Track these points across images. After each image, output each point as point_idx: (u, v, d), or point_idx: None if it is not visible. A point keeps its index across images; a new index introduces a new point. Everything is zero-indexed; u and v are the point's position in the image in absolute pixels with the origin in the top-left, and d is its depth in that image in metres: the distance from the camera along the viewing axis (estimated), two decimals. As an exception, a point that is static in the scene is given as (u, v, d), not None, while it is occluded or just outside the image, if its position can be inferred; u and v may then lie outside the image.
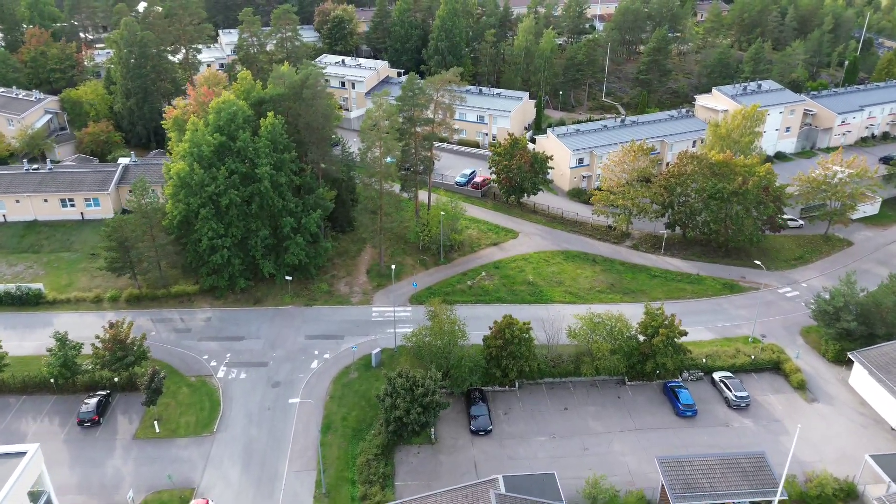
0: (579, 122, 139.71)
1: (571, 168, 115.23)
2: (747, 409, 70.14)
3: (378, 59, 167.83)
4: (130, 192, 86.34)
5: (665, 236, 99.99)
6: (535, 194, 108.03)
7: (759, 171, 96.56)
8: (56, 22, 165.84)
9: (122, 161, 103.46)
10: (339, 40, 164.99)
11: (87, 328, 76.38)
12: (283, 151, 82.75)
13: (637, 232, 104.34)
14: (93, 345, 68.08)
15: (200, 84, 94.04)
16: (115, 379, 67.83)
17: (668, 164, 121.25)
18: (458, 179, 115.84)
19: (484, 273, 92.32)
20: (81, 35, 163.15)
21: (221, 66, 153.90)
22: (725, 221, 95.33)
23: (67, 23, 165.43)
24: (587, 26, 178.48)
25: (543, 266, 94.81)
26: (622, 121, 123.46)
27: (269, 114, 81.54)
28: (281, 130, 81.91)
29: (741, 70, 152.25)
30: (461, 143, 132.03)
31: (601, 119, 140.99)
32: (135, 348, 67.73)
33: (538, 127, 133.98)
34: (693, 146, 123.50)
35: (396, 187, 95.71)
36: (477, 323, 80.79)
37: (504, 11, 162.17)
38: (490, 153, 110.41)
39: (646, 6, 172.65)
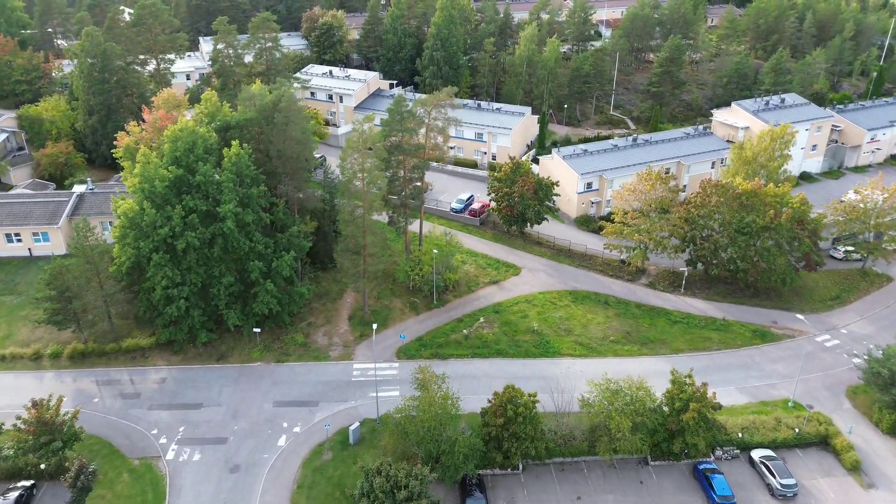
0: (586, 139, 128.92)
1: (579, 193, 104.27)
2: (794, 500, 59.15)
3: (370, 68, 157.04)
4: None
5: (686, 274, 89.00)
6: (538, 224, 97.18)
7: (792, 201, 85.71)
8: (25, 29, 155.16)
9: (77, 189, 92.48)
10: (328, 49, 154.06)
11: (21, 393, 65.51)
12: (250, 185, 71.76)
13: (653, 267, 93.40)
14: (14, 425, 57.08)
15: (157, 106, 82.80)
16: (42, 466, 56.81)
17: (684, 186, 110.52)
18: (454, 205, 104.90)
19: (482, 319, 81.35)
20: (56, 43, 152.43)
21: (201, 76, 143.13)
22: (755, 259, 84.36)
23: (38, 30, 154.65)
24: (592, 32, 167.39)
25: (549, 310, 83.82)
26: (634, 140, 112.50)
27: (234, 143, 70.54)
28: (247, 161, 70.89)
29: (760, 81, 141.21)
30: (457, 162, 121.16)
31: (609, 135, 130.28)
32: (64, 429, 56.72)
33: (541, 145, 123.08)
34: (712, 167, 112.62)
35: (386, 214, 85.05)
36: (474, 384, 70.27)
37: (504, 18, 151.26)
38: (489, 178, 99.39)
39: (655, 12, 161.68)
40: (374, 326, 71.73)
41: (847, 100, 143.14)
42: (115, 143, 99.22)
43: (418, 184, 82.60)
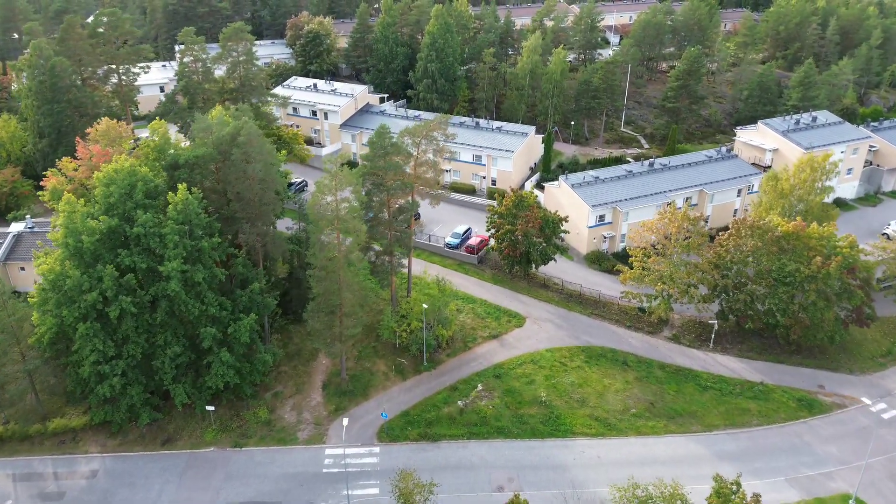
0: (596, 160, 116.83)
1: (590, 227, 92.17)
2: None
3: (360, 80, 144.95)
4: None
5: (715, 328, 76.93)
6: (545, 264, 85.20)
7: (840, 246, 73.76)
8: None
9: (15, 227, 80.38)
10: (314, 59, 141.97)
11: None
12: (201, 237, 59.67)
13: (677, 317, 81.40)
14: None
15: (94, 140, 70.58)
16: None
17: (707, 217, 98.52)
18: (449, 241, 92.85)
19: (480, 386, 69.28)
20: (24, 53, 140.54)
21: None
22: (798, 313, 72.35)
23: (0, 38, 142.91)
24: (599, 39, 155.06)
25: (559, 372, 71.77)
26: (650, 164, 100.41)
27: (181, 187, 58.43)
28: (197, 209, 58.79)
29: (787, 96, 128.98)
30: (454, 187, 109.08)
31: (621, 156, 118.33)
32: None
33: (546, 168, 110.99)
34: (738, 195, 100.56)
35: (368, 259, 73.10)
36: (470, 477, 58.48)
37: (505, 26, 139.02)
38: (489, 211, 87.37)
39: (668, 18, 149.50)
40: (345, 423, 59.17)
41: (878, 115, 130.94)
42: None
43: (406, 227, 70.50)
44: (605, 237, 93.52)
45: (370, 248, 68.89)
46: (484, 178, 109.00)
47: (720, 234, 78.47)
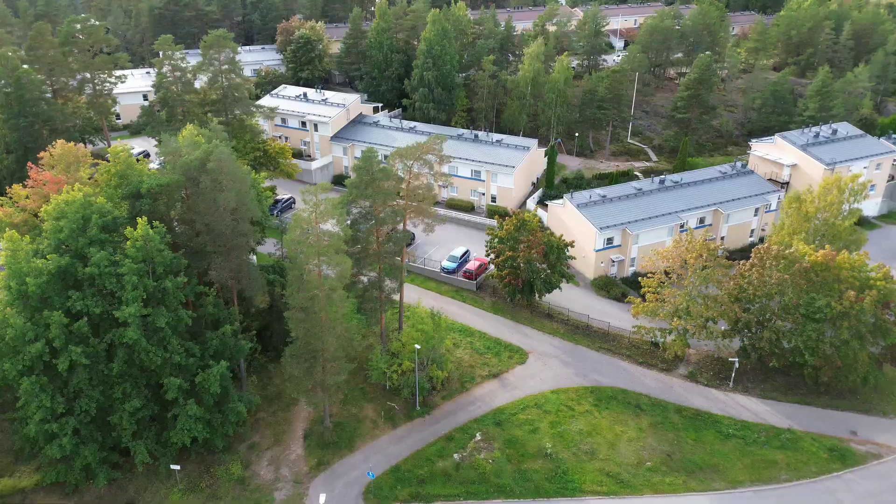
0: (602, 175, 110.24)
1: (598, 251, 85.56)
2: None
3: (354, 87, 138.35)
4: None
5: (736, 366, 70.29)
6: (549, 292, 78.66)
7: (873, 277, 67.12)
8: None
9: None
10: (305, 65, 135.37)
11: None
12: (164, 276, 53.05)
13: (693, 352, 74.78)
14: None
15: (48, 165, 63.77)
16: None
17: (722, 239, 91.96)
18: (445, 265, 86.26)
19: (479, 436, 62.69)
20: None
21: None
22: (828, 353, 65.72)
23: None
24: (604, 45, 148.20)
25: (566, 418, 65.17)
26: (661, 182, 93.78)
27: (141, 221, 51.79)
28: (159, 245, 52.15)
29: (803, 106, 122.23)
30: (451, 204, 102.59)
31: (629, 171, 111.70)
32: None
33: (549, 183, 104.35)
34: (755, 215, 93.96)
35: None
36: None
37: (506, 31, 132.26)
38: (488, 236, 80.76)
39: (677, 22, 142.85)
40: (322, 501, 52.51)
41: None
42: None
43: (397, 258, 63.87)
44: (613, 261, 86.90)
45: (357, 281, 62.18)
46: (483, 194, 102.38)
47: (740, 263, 71.79)
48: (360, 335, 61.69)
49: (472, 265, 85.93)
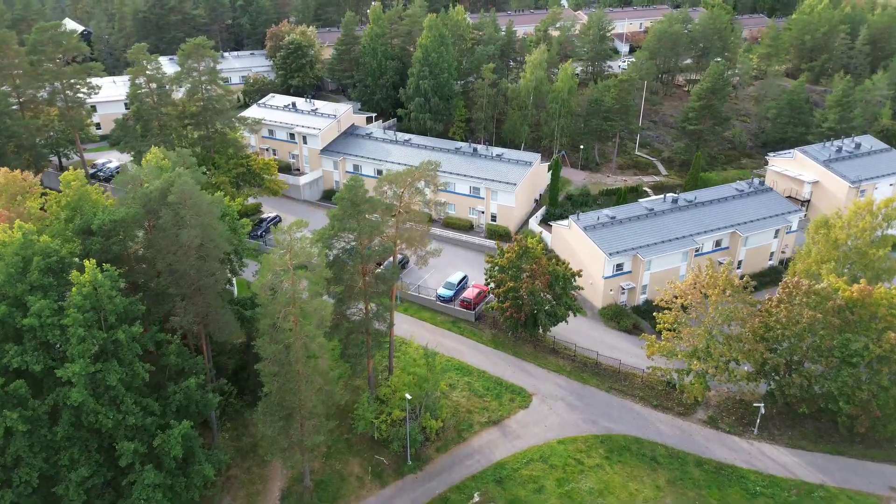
0: (608, 190, 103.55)
1: (606, 278, 78.92)
2: None
3: (347, 96, 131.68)
4: None
5: (762, 412, 63.62)
6: (554, 325, 72.02)
7: (916, 315, 60.47)
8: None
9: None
10: (296, 72, 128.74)
11: None
12: (117, 326, 46.40)
13: (713, 394, 68.12)
14: None
15: (-11, 195, 57.12)
16: None
17: (740, 263, 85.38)
18: (441, 292, 79.62)
19: (477, 497, 56.10)
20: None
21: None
22: (865, 401, 59.06)
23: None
24: (609, 50, 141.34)
25: (575, 474, 58.52)
26: (674, 201, 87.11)
27: (88, 264, 45.12)
28: (110, 291, 45.45)
29: (820, 116, 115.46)
30: (448, 223, 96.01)
31: (637, 186, 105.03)
32: None
33: (553, 200, 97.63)
34: (774, 237, 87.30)
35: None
36: None
37: (507, 37, 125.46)
38: (487, 263, 74.05)
39: (686, 27, 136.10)
40: None
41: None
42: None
43: (386, 299, 57.15)
44: (623, 288, 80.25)
45: (340, 323, 55.46)
46: (482, 213, 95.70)
47: (766, 298, 65.02)
48: (343, 386, 55.02)
49: (470, 293, 79.24)
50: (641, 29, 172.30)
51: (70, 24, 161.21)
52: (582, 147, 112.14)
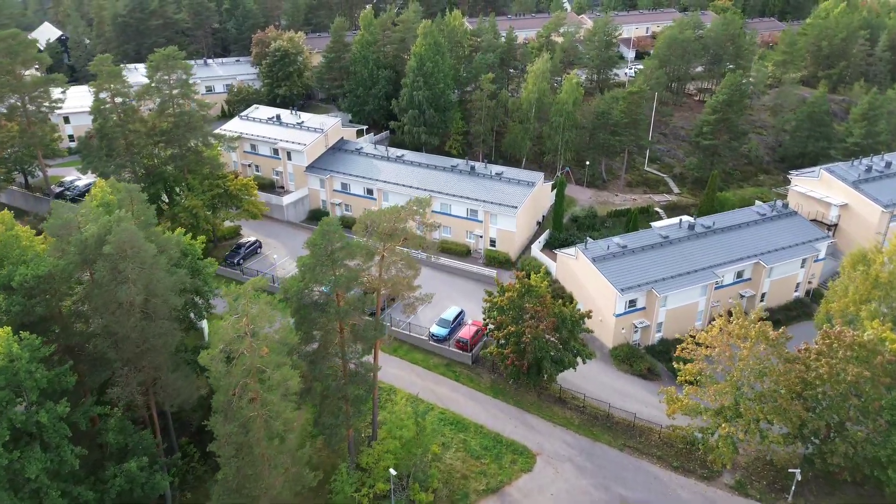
0: (616, 211, 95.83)
1: (618, 316, 71.17)
2: None
3: (337, 106, 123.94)
4: None
5: (797, 478, 55.83)
6: (560, 372, 64.31)
7: (977, 371, 52.72)
8: None
9: None
10: (283, 81, 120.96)
11: None
12: (39, 404, 38.62)
13: (741, 454, 60.26)
14: None
15: None
16: None
17: (763, 295, 77.73)
18: (435, 331, 71.88)
19: (473, 587, 48.32)
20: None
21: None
22: (921, 470, 51.39)
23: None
24: (616, 57, 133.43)
25: (584, 557, 50.78)
26: (690, 228, 79.39)
27: (2, 333, 37.34)
28: (28, 366, 37.67)
29: (845, 130, 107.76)
30: (443, 247, 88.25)
31: (648, 207, 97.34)
32: None
33: (557, 224, 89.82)
34: (801, 266, 79.58)
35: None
36: None
37: (507, 44, 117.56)
38: (486, 303, 66.26)
39: (697, 32, 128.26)
40: None
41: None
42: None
43: (367, 358, 49.38)
44: (636, 326, 72.49)
45: (312, 388, 47.65)
46: (481, 237, 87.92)
47: (802, 349, 57.16)
48: (318, 450, 47.30)
49: (466, 332, 71.46)
50: (648, 34, 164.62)
51: (47, 30, 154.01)
52: (588, 163, 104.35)
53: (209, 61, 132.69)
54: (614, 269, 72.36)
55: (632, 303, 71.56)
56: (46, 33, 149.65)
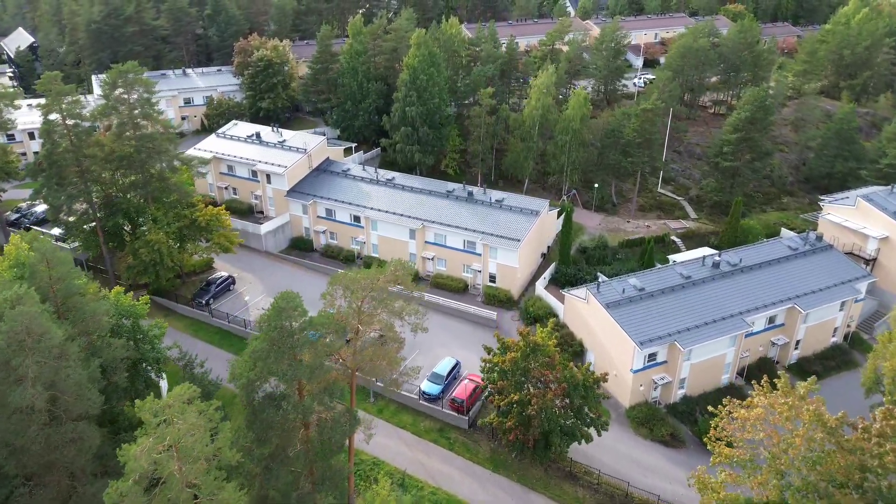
0: (629, 241, 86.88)
1: (636, 371, 62.23)
2: None
3: (324, 120, 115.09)
4: None
5: (856, 583, 46.84)
6: (574, 443, 55.39)
7: None
8: None
9: None
10: (266, 93, 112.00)
11: None
12: None
13: (783, 546, 51.27)
14: None
15: None
16: None
17: (797, 343, 68.87)
18: (427, 388, 62.99)
19: None
20: None
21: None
22: None
23: None
24: (624, 66, 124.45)
25: None
26: (715, 265, 70.40)
27: None
28: None
29: (876, 149, 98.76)
30: (437, 282, 79.52)
31: (664, 236, 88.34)
32: None
33: (565, 256, 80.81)
34: (840, 310, 70.70)
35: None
36: None
37: (508, 54, 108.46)
38: (483, 364, 57.30)
39: (711, 40, 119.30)
40: None
41: None
42: None
43: (342, 459, 40.35)
44: (656, 382, 63.50)
45: (269, 497, 38.67)
46: (479, 272, 78.98)
47: (858, 427, 48.21)
48: None
49: (462, 390, 62.49)
50: (656, 40, 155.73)
51: (20, 36, 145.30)
52: (596, 185, 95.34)
53: (189, 71, 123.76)
54: (631, 317, 63.38)
55: (651, 356, 62.58)
56: (18, 40, 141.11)
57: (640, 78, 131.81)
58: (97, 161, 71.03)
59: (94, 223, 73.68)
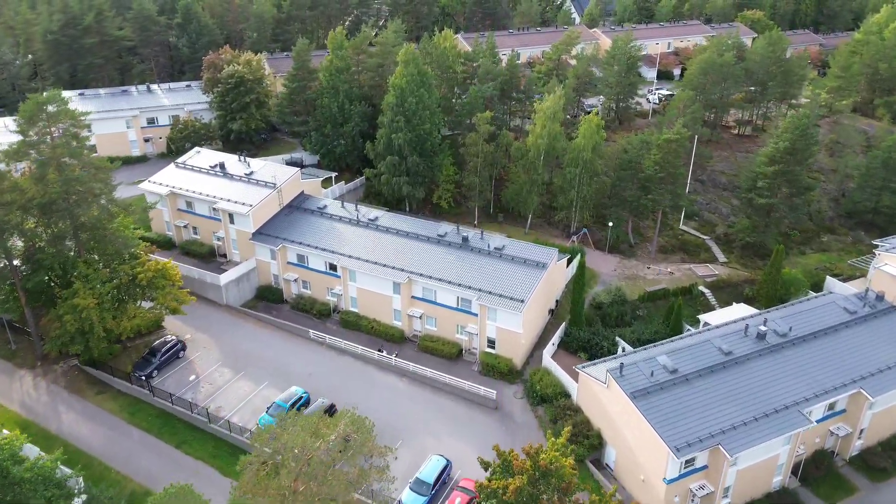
0: (650, 294, 74.60)
1: (670, 482, 49.82)
2: None
3: (302, 145, 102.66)
4: None
5: None
6: (591, 587, 43.06)
7: None
8: None
9: None
10: (238, 113, 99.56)
11: None
12: None
13: None
14: None
15: None
16: None
17: (861, 432, 56.54)
18: (409, 499, 50.60)
19: None
20: None
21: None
22: None
23: None
24: (637, 81, 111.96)
25: None
26: (759, 336, 58.01)
27: None
28: None
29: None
30: (424, 346, 67.26)
31: (691, 288, 75.91)
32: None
33: (577, 314, 68.32)
34: (914, 391, 58.25)
35: None
36: None
37: (509, 71, 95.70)
38: (476, 491, 44.87)
39: (738, 53, 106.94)
40: None
41: None
42: None
43: None
44: (693, 493, 51.13)
45: None
46: (475, 335, 66.62)
47: None
48: None
49: (456, 502, 50.13)
50: (670, 49, 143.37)
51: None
52: (611, 224, 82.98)
53: (154, 87, 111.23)
54: (663, 410, 50.99)
55: (689, 461, 50.25)
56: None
57: (654, 93, 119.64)
58: (13, 209, 58.63)
59: (12, 281, 61.44)
